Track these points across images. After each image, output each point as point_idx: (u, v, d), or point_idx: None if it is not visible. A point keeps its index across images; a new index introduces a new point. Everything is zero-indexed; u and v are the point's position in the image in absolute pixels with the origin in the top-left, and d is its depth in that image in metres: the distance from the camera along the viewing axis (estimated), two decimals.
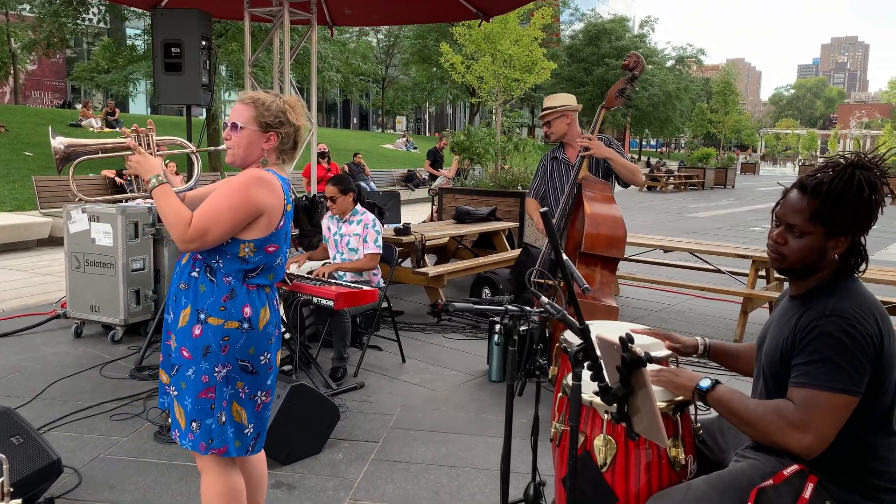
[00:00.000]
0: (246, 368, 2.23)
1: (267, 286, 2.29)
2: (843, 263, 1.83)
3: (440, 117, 58.70)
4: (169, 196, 2.18)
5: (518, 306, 2.24)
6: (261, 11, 7.41)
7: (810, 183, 1.79)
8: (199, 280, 2.21)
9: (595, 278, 3.97)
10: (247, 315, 2.21)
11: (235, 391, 2.22)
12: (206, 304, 2.18)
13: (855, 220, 1.77)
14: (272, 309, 2.30)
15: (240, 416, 2.24)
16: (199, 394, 2.19)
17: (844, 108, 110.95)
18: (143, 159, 2.26)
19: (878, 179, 1.77)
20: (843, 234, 1.79)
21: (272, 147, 2.27)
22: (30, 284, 7.08)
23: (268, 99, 2.27)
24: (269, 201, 2.19)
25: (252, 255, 2.20)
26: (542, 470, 2.60)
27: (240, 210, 2.15)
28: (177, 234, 2.13)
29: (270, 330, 2.28)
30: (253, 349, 2.23)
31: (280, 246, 2.29)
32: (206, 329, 2.17)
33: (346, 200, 4.77)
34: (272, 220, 2.22)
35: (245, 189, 2.16)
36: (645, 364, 1.67)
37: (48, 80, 35.00)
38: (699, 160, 33.54)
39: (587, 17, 48.28)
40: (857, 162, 1.78)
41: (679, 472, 1.98)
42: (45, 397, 4.03)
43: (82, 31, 23.70)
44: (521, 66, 15.05)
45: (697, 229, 14.19)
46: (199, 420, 2.19)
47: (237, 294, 2.20)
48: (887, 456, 1.79)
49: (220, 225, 2.13)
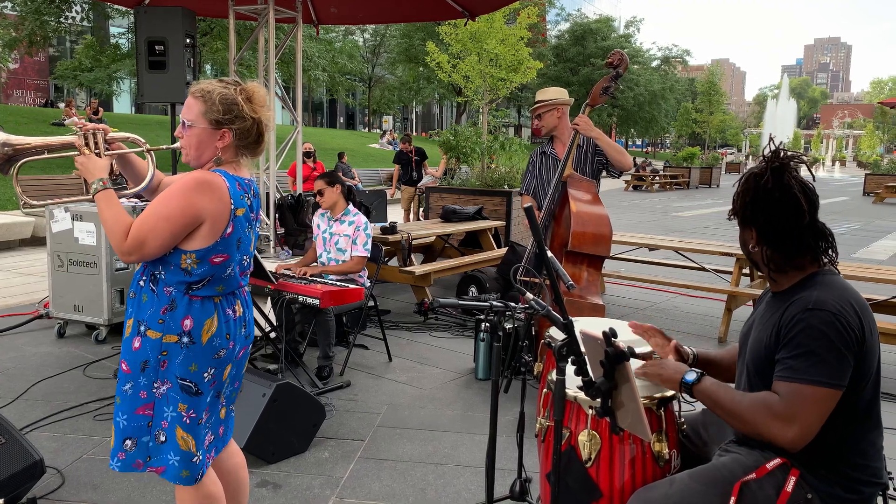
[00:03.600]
0: (189, 389, 2.05)
1: (216, 296, 2.09)
2: (781, 257, 1.86)
3: (427, 117, 58.72)
4: (112, 203, 2.01)
5: (503, 302, 2.25)
6: (246, 9, 7.39)
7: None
8: (143, 289, 2.06)
9: (581, 276, 3.98)
10: (187, 328, 2.02)
11: (178, 415, 2.05)
12: (145, 316, 2.03)
13: (749, 210, 1.87)
14: (223, 319, 2.10)
15: (186, 443, 2.06)
16: (136, 410, 2.04)
17: (827, 109, 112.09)
18: (88, 160, 2.07)
19: (768, 170, 1.84)
20: (745, 224, 1.91)
21: (227, 144, 2.07)
22: (12, 284, 7.01)
23: (218, 91, 2.04)
24: (210, 207, 1.98)
25: (195, 266, 2.01)
26: (528, 466, 2.61)
27: (177, 219, 1.95)
28: (115, 244, 1.97)
29: (219, 343, 2.08)
30: (195, 366, 2.04)
31: (230, 255, 2.07)
32: (144, 342, 2.03)
33: (334, 192, 4.76)
34: (216, 228, 2.01)
35: (181, 196, 1.96)
36: (628, 358, 1.69)
37: (30, 78, 34.67)
38: (684, 160, 33.75)
39: (573, 17, 48.52)
40: (760, 159, 1.91)
41: (663, 466, 1.99)
42: (28, 397, 3.99)
43: (65, 30, 23.49)
44: (507, 66, 15.07)
45: (682, 228, 14.28)
46: (135, 437, 2.05)
47: (177, 305, 2.02)
48: (868, 449, 1.81)
49: (157, 235, 1.95)
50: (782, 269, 1.87)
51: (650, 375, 2.02)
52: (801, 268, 1.86)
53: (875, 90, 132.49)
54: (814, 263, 1.86)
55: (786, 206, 1.82)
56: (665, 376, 1.98)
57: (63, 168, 13.03)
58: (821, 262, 1.86)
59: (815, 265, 1.86)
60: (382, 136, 34.16)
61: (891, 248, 11.91)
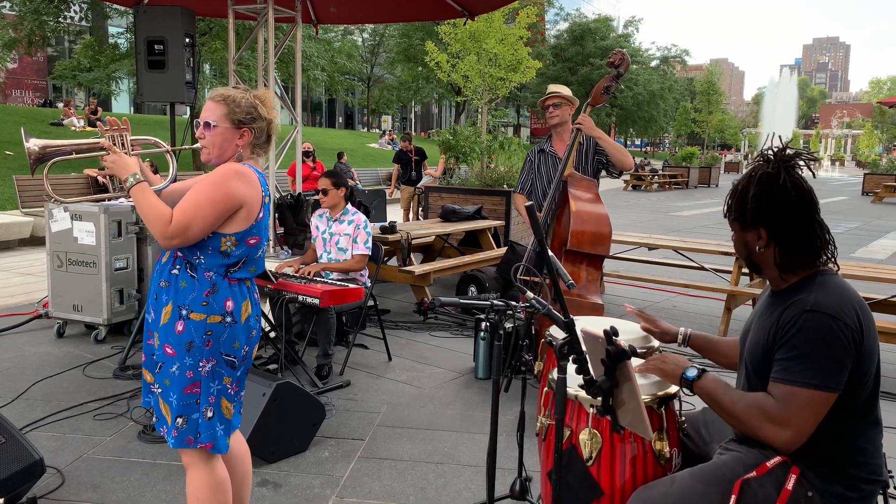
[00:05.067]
0: (232, 364, 2.25)
1: (248, 279, 2.32)
2: (791, 256, 1.85)
3: (426, 116, 58.72)
4: (148, 194, 2.18)
5: (504, 301, 2.25)
6: (245, 9, 7.37)
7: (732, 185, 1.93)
8: (179, 277, 2.21)
9: (581, 275, 3.99)
10: (229, 309, 2.22)
11: (223, 387, 2.24)
12: (187, 300, 2.18)
13: (762, 209, 1.83)
14: (253, 302, 2.33)
15: (230, 412, 2.28)
16: (184, 389, 2.19)
17: (826, 108, 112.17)
18: (119, 158, 2.23)
19: (780, 170, 1.82)
20: (753, 224, 1.86)
21: (246, 143, 2.29)
22: (11, 284, 7.00)
23: (238, 95, 2.28)
24: (248, 193, 2.21)
25: (234, 248, 2.22)
26: (529, 466, 2.61)
27: (220, 203, 2.15)
28: (158, 231, 2.12)
29: (252, 323, 2.31)
30: (237, 343, 2.25)
31: (260, 238, 2.30)
32: (188, 325, 2.17)
33: (338, 195, 4.76)
34: (251, 212, 2.23)
35: (224, 182, 2.17)
36: (629, 357, 1.69)
37: (29, 78, 34.64)
38: (683, 159, 33.77)
39: (572, 16, 48.52)
40: (765, 156, 1.88)
41: (664, 465, 1.99)
42: (28, 397, 3.99)
43: (64, 29, 23.46)
44: (506, 65, 15.10)
45: (682, 227, 14.28)
46: (186, 415, 2.19)
47: (219, 288, 2.21)
48: (867, 447, 1.82)
49: (202, 219, 2.13)
50: (791, 269, 1.86)
51: (652, 369, 2.02)
52: (805, 266, 1.86)
53: (874, 90, 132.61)
54: (816, 261, 1.86)
55: (802, 203, 1.82)
56: (667, 370, 1.99)
57: (61, 169, 13.03)
58: (823, 259, 1.86)
59: (817, 264, 1.86)
60: (382, 135, 34.16)
61: (889, 248, 11.92)
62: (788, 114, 64.86)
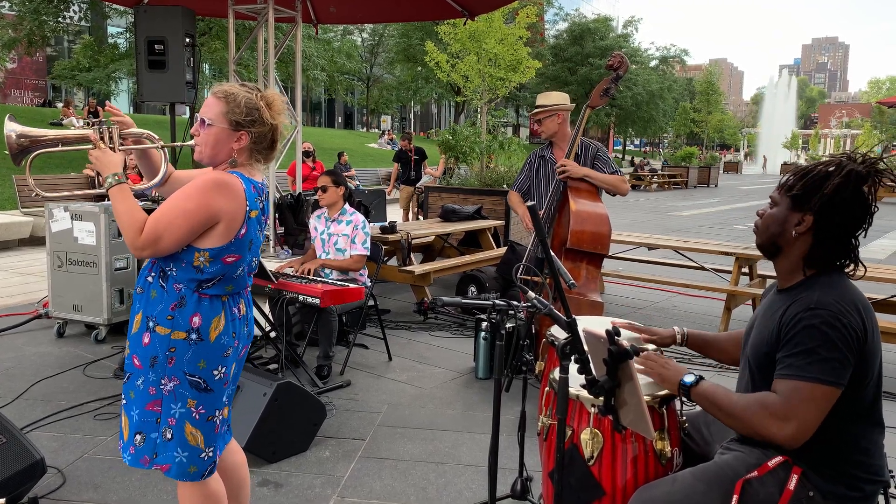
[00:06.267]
0: (198, 385, 2.07)
1: (224, 295, 2.11)
2: (820, 255, 1.85)
3: (425, 116, 58.71)
4: (126, 198, 2.02)
5: (505, 301, 2.25)
6: (245, 9, 7.38)
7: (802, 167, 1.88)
8: (152, 285, 2.07)
9: (580, 274, 3.99)
10: (195, 325, 2.04)
11: (187, 410, 2.06)
12: (154, 312, 2.05)
13: (824, 199, 1.79)
14: (230, 318, 2.12)
15: (195, 439, 2.08)
16: (146, 405, 2.06)
17: (825, 108, 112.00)
18: (103, 154, 2.08)
19: (871, 175, 1.80)
20: (805, 209, 1.82)
21: (243, 147, 2.09)
22: (10, 284, 7.00)
23: (241, 94, 2.09)
24: (228, 208, 2.01)
25: (207, 264, 2.03)
26: (529, 465, 2.61)
27: (194, 216, 1.98)
28: (129, 240, 1.98)
29: (226, 341, 2.10)
30: (204, 363, 2.06)
31: (242, 256, 2.10)
32: (153, 338, 2.04)
33: (337, 193, 4.76)
34: (231, 228, 2.03)
35: (201, 194, 1.99)
36: (632, 357, 1.69)
37: (28, 78, 34.63)
38: (682, 159, 33.79)
39: (571, 16, 48.46)
40: (852, 156, 1.84)
41: (665, 464, 1.99)
42: (28, 397, 3.99)
43: (63, 29, 23.46)
44: (505, 65, 15.09)
45: (681, 227, 14.29)
46: (144, 433, 2.07)
47: (187, 303, 2.04)
48: (870, 448, 1.82)
49: (174, 231, 1.97)
50: (811, 265, 1.85)
51: (651, 373, 2.02)
52: (824, 267, 1.86)
53: (873, 90, 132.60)
54: (833, 266, 1.86)
55: (864, 215, 1.81)
56: (665, 375, 1.99)
57: (61, 168, 13.03)
58: (842, 267, 1.87)
59: (832, 268, 1.86)
60: (381, 135, 34.15)
61: (889, 247, 11.93)
62: (788, 114, 64.90)
